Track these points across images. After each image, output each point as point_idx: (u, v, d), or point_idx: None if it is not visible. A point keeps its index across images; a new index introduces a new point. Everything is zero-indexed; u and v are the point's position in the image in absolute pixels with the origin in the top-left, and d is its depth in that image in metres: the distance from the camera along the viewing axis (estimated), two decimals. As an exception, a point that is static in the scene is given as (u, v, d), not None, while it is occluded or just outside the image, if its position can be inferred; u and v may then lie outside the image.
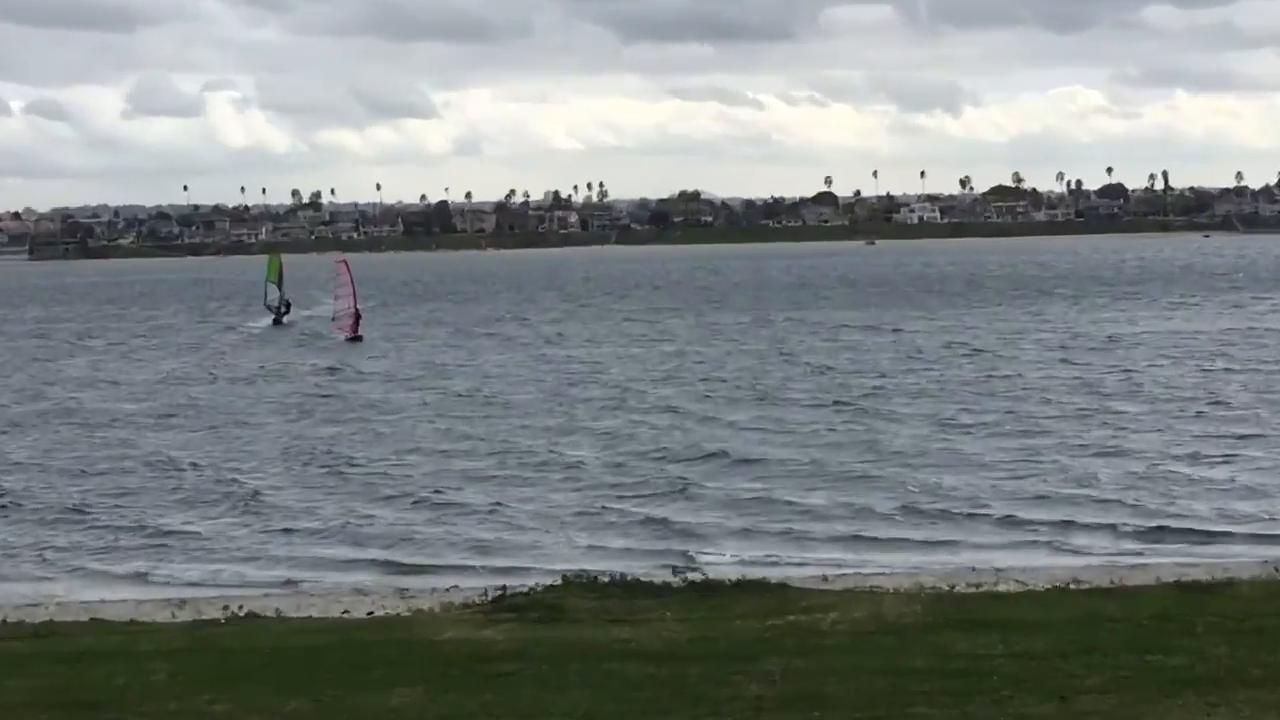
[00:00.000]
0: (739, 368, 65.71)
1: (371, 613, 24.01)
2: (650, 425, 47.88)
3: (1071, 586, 22.80)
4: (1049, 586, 22.94)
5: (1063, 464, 38.68)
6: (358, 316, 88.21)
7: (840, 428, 46.04)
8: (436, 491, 37.33)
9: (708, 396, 55.25)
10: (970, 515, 32.98)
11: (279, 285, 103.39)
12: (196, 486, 39.22)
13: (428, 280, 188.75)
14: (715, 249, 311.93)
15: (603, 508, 34.88)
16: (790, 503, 34.85)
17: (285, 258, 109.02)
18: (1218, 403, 49.58)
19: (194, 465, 42.58)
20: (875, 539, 31.19)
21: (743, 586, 21.93)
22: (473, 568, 29.47)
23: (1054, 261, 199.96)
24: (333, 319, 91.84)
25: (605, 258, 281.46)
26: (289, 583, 29.05)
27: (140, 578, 29.97)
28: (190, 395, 61.00)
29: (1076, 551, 29.61)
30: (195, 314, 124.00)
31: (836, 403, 51.94)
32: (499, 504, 35.47)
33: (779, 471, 38.84)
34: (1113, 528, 31.53)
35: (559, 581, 22.83)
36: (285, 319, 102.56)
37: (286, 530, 33.74)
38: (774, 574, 25.31)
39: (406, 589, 27.41)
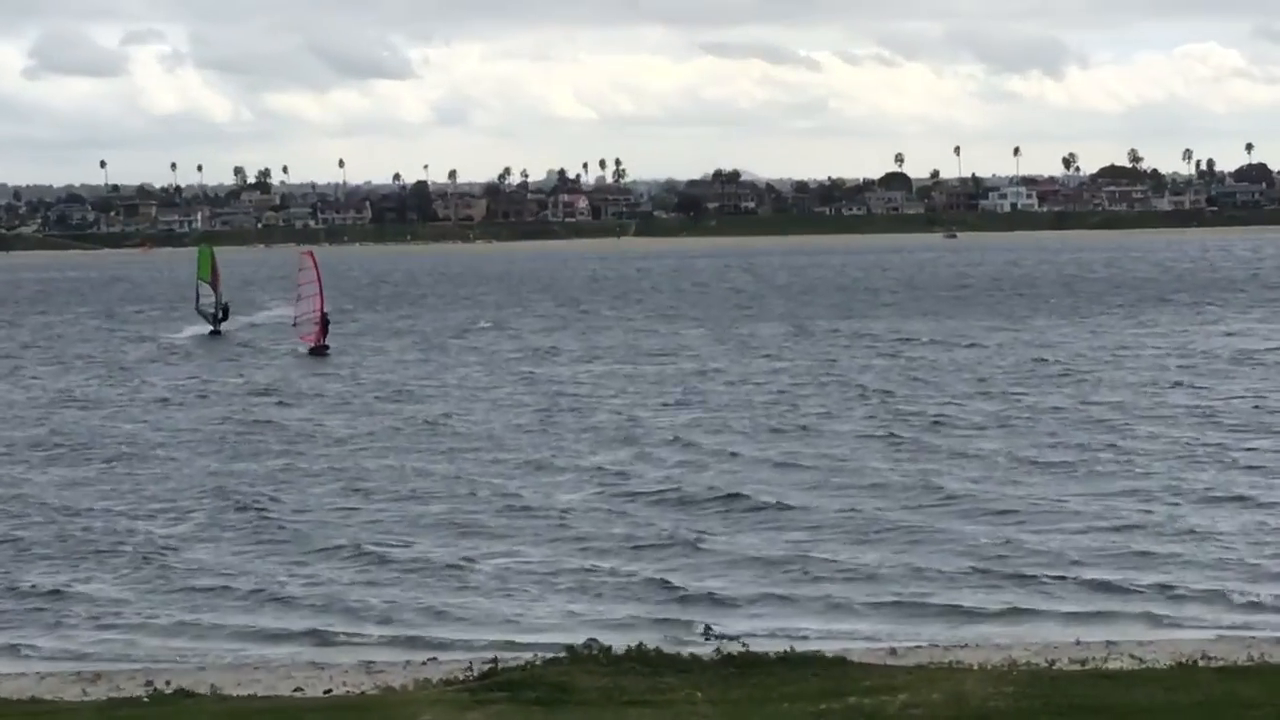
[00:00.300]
0: (772, 391, 65.32)
1: (330, 690, 24.27)
2: (658, 462, 47.69)
3: (1199, 663, 22.90)
4: (1172, 664, 23.08)
5: (1178, 514, 38.38)
6: (325, 322, 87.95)
7: (898, 467, 45.67)
8: (401, 545, 37.14)
9: (730, 427, 54.88)
10: (1064, 577, 32.67)
11: (214, 285, 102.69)
12: (89, 537, 38.98)
13: (397, 279, 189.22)
14: (759, 242, 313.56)
15: (592, 566, 34.59)
16: (832, 560, 34.55)
17: (225, 251, 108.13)
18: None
19: (90, 510, 42.41)
20: (947, 606, 30.92)
21: (790, 661, 22.12)
22: (453, 638, 29.47)
23: (1174, 260, 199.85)
24: (294, 324, 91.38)
25: (622, 252, 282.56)
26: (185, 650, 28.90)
27: (13, 649, 29.68)
28: (85, 422, 60.74)
29: (1202, 622, 29.47)
30: (103, 320, 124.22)
31: (892, 435, 51.68)
32: (472, 560, 35.31)
33: (818, 521, 38.54)
34: (1247, 592, 31.30)
35: (563, 653, 23.00)
36: (224, 326, 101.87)
37: (213, 590, 33.55)
38: (829, 646, 25.44)
39: (372, 662, 27.48)
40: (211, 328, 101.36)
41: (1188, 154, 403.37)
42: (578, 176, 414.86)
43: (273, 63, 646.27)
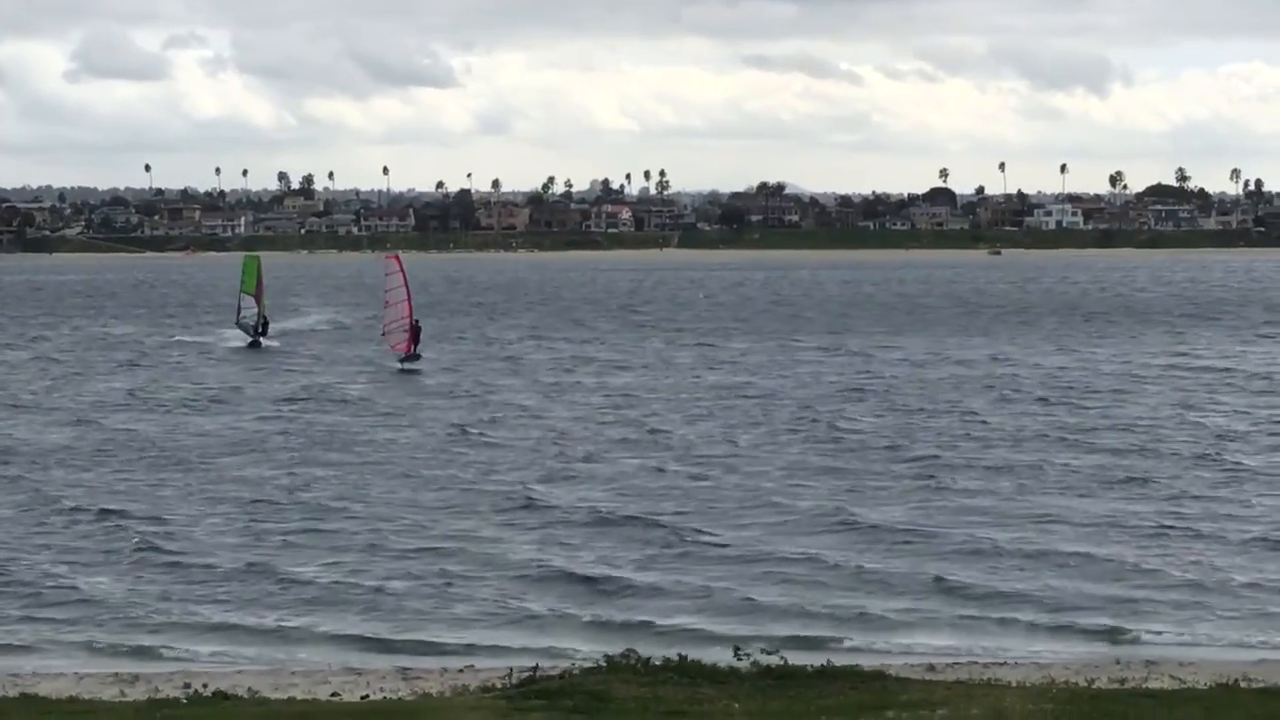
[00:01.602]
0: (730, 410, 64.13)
1: (367, 695, 24.60)
2: (581, 483, 46.85)
3: (1241, 684, 22.69)
4: (1212, 684, 22.95)
5: (1214, 530, 38.41)
6: (416, 329, 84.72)
7: (836, 485, 45.48)
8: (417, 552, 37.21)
9: (671, 446, 53.87)
10: (1094, 597, 32.48)
11: (258, 298, 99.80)
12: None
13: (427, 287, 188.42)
14: (802, 255, 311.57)
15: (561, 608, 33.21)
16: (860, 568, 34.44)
17: (269, 256, 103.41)
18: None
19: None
20: (978, 619, 30.93)
21: (828, 674, 22.04)
22: (491, 645, 29.50)
23: (1204, 280, 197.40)
24: (383, 334, 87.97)
25: (659, 264, 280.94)
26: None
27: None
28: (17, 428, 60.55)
29: (1242, 645, 29.33)
30: (105, 325, 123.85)
31: (842, 453, 50.95)
32: (388, 587, 34.49)
33: (750, 549, 37.66)
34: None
35: (601, 662, 22.85)
36: (264, 340, 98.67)
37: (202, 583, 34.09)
38: (867, 661, 25.19)
39: (409, 668, 27.59)
40: (251, 339, 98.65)
41: (1235, 174, 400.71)
42: (621, 187, 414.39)
43: (314, 69, 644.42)
